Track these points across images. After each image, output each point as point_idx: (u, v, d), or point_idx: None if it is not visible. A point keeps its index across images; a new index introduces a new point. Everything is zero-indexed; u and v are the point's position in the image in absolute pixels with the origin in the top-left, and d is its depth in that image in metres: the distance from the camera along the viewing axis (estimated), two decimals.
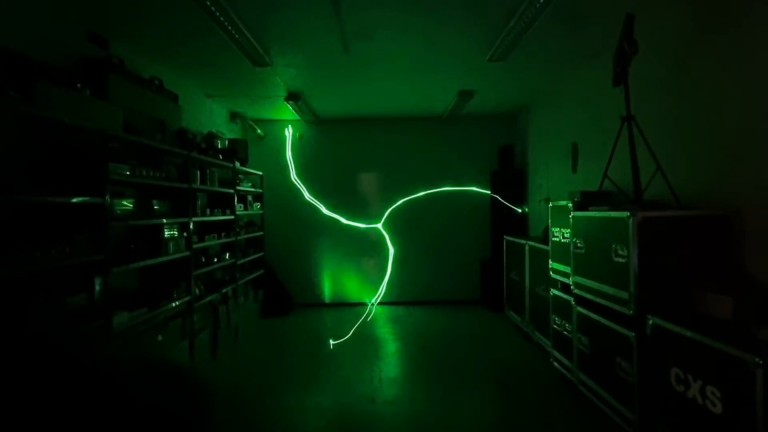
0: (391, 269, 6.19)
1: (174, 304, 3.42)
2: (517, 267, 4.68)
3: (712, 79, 2.49)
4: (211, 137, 4.64)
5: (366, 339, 4.61)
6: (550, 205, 3.60)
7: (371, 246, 6.22)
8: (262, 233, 5.82)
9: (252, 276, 5.38)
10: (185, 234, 3.71)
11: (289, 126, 5.98)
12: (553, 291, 3.46)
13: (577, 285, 2.99)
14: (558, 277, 3.43)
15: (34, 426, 0.33)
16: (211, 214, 4.30)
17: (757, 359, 1.59)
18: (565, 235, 3.21)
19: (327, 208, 5.84)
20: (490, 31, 3.28)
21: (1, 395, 0.34)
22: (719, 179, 2.45)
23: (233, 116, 5.79)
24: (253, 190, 5.56)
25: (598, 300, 2.71)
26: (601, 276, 2.67)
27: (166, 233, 3.43)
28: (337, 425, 2.84)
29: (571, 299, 3.10)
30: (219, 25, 2.96)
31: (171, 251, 3.43)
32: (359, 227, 6.18)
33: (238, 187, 4.95)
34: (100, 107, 2.71)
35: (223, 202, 4.67)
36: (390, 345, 4.40)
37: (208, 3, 2.69)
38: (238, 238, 4.92)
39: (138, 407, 0.39)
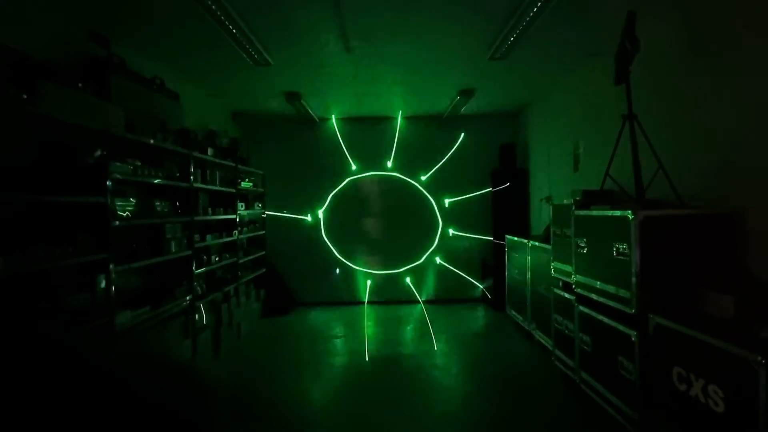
0: (391, 269, 6.22)
1: (176, 303, 3.44)
2: (518, 266, 4.68)
3: (714, 78, 2.48)
4: (213, 136, 4.64)
5: (367, 338, 4.61)
6: (552, 204, 3.60)
7: (371, 245, 6.25)
8: (263, 232, 5.83)
9: (254, 275, 5.39)
10: (187, 233, 3.72)
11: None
12: (555, 290, 3.46)
13: (578, 284, 2.99)
14: (560, 276, 3.42)
15: (39, 424, 0.34)
16: (213, 213, 4.30)
17: (759, 358, 1.58)
18: (567, 234, 3.20)
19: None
20: (492, 30, 3.27)
21: (8, 393, 0.34)
22: (722, 178, 2.45)
23: (234, 115, 5.80)
24: (254, 189, 5.57)
25: (600, 299, 2.71)
26: (603, 275, 2.67)
27: (168, 232, 3.44)
28: (337, 423, 2.85)
29: (573, 298, 3.10)
30: (220, 24, 2.96)
31: (173, 250, 3.44)
32: (361, 227, 6.22)
33: (239, 186, 4.96)
34: (102, 107, 2.71)
35: (225, 201, 4.68)
36: (391, 345, 4.40)
37: (209, 2, 2.69)
38: (240, 237, 4.93)
39: (141, 407, 0.39)
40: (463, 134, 6.07)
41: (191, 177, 3.74)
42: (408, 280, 6.20)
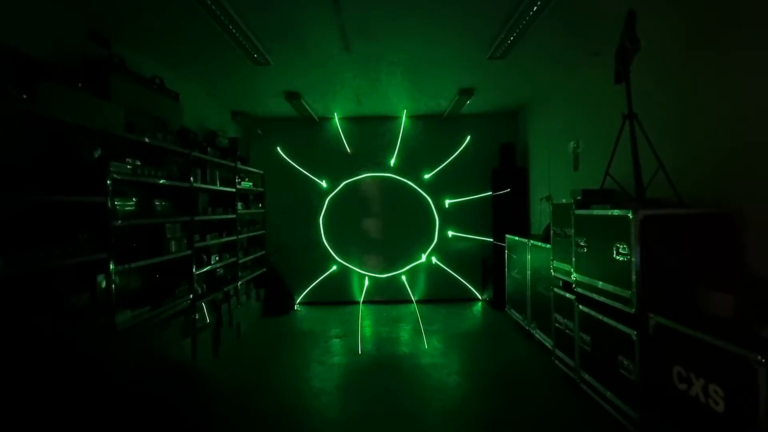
0: (390, 269, 6.22)
1: (176, 303, 3.44)
2: (518, 265, 4.68)
3: (714, 77, 2.48)
4: (212, 136, 4.64)
5: (367, 338, 4.62)
6: (552, 203, 3.60)
7: (372, 245, 6.25)
8: (263, 231, 5.83)
9: (254, 275, 5.39)
10: (187, 233, 3.72)
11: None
12: (555, 289, 3.46)
13: (578, 283, 2.99)
14: (560, 276, 3.42)
15: (45, 419, 0.34)
16: (213, 213, 4.30)
17: (759, 357, 1.59)
18: (567, 233, 3.20)
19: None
20: (491, 30, 3.27)
21: (13, 390, 0.34)
22: (721, 177, 2.45)
23: (234, 115, 5.80)
24: (254, 188, 5.57)
25: (600, 298, 2.71)
26: (603, 274, 2.67)
27: (168, 232, 3.43)
28: (336, 422, 2.85)
29: (573, 298, 3.10)
30: (219, 24, 2.96)
31: (173, 250, 3.44)
32: (360, 227, 6.22)
33: (239, 186, 4.96)
34: (102, 106, 2.72)
35: (225, 201, 4.68)
36: (391, 344, 4.40)
37: (209, 2, 2.69)
38: (240, 236, 4.93)
39: (144, 402, 0.39)
40: (468, 137, 6.08)
41: (191, 177, 3.74)
42: (404, 278, 6.20)
